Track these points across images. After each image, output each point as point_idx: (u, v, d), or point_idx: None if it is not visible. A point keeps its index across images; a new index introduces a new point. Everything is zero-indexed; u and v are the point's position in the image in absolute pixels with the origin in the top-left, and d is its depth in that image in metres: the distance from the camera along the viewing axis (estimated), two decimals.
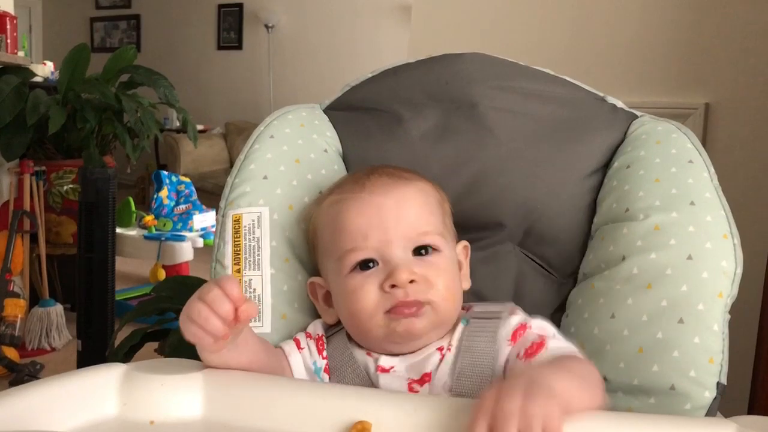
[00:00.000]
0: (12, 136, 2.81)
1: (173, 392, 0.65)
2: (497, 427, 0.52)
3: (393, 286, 0.72)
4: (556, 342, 0.72)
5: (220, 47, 6.51)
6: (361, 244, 0.74)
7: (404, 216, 0.74)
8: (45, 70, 3.64)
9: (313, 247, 0.83)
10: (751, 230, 1.00)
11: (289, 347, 0.79)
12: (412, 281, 0.72)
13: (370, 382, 0.75)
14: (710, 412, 0.77)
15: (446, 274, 0.75)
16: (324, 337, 0.81)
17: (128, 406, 0.64)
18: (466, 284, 0.81)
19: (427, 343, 0.75)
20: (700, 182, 0.85)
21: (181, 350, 0.73)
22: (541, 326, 0.74)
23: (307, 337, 0.81)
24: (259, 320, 0.82)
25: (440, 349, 0.74)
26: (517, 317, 0.75)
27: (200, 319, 0.62)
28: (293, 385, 0.69)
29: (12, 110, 2.78)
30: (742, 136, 1.61)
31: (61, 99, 2.93)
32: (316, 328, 0.82)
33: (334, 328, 0.81)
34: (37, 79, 3.24)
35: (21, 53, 3.27)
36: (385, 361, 0.75)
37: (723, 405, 0.78)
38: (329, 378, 0.78)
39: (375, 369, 0.75)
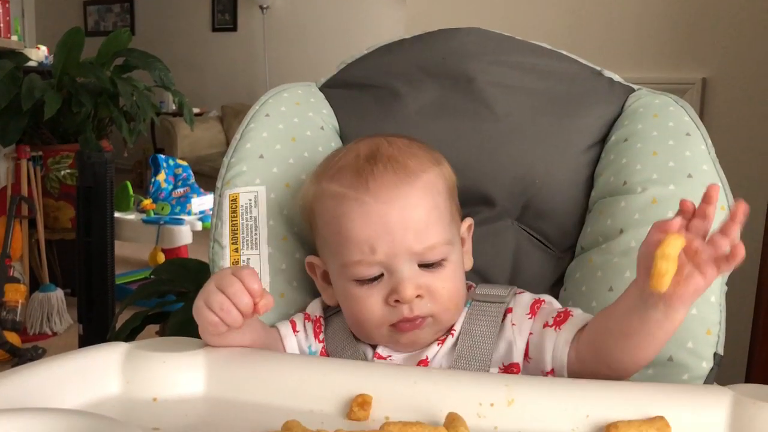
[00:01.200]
0: (7, 121, 2.80)
1: (175, 370, 0.65)
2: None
3: (397, 301, 0.71)
4: (579, 310, 0.74)
5: (214, 29, 6.45)
6: (368, 258, 0.71)
7: (411, 226, 0.71)
8: (39, 54, 3.61)
9: (310, 225, 0.81)
10: (748, 202, 1.00)
11: (285, 329, 0.80)
12: (417, 296, 0.71)
13: None
14: (707, 383, 0.77)
15: (451, 283, 0.73)
16: (322, 319, 0.81)
17: (131, 384, 0.65)
18: (469, 263, 0.80)
19: (429, 343, 0.75)
20: (697, 155, 0.85)
21: (182, 333, 0.73)
22: (551, 300, 0.77)
23: (305, 318, 0.81)
24: None
25: (441, 340, 0.75)
26: (526, 295, 0.77)
27: (221, 311, 0.65)
28: (294, 361, 0.69)
29: (6, 95, 2.76)
30: (739, 111, 1.60)
31: (56, 83, 2.91)
32: (315, 309, 0.82)
33: (333, 309, 0.81)
34: (31, 63, 3.22)
35: (14, 37, 3.25)
36: (383, 350, 0.76)
37: (720, 375, 0.79)
38: None
39: (372, 356, 0.76)
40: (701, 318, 0.78)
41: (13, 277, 2.60)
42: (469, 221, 0.81)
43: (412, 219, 0.71)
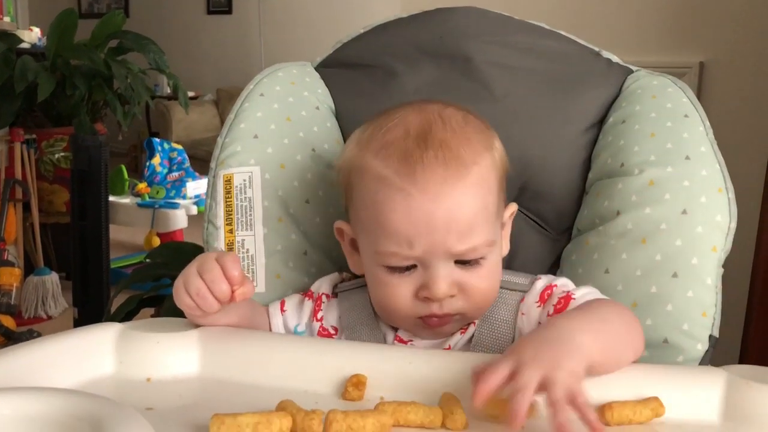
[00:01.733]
0: (0, 103, 2.78)
1: (169, 350, 0.65)
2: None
3: (428, 297, 0.69)
4: (583, 290, 0.72)
5: (209, 12, 6.40)
6: (405, 252, 0.67)
7: (455, 228, 0.66)
8: (32, 35, 3.58)
9: (344, 190, 0.76)
10: (745, 185, 1.00)
11: (273, 308, 0.79)
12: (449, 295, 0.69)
13: None
14: (702, 365, 0.77)
15: (487, 281, 0.70)
16: (324, 296, 0.79)
17: (125, 364, 0.64)
18: (506, 249, 0.77)
19: (453, 333, 0.75)
20: (695, 136, 0.85)
21: (176, 316, 0.73)
22: (565, 283, 0.75)
23: (305, 297, 0.80)
24: (253, 280, 0.82)
25: (464, 329, 0.74)
26: (542, 281, 0.75)
27: (197, 297, 0.65)
28: (289, 341, 0.69)
29: None
30: (736, 94, 1.60)
31: (50, 65, 2.89)
32: (321, 286, 0.80)
33: (348, 284, 0.80)
34: (24, 45, 3.19)
35: (7, 19, 3.22)
36: (404, 334, 0.75)
37: (715, 357, 0.79)
38: (338, 336, 0.78)
39: (393, 339, 0.75)
40: (697, 300, 0.78)
41: (8, 261, 2.60)
42: (513, 208, 0.77)
43: (457, 220, 0.66)
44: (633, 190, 0.83)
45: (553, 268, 0.90)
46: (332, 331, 0.78)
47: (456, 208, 0.66)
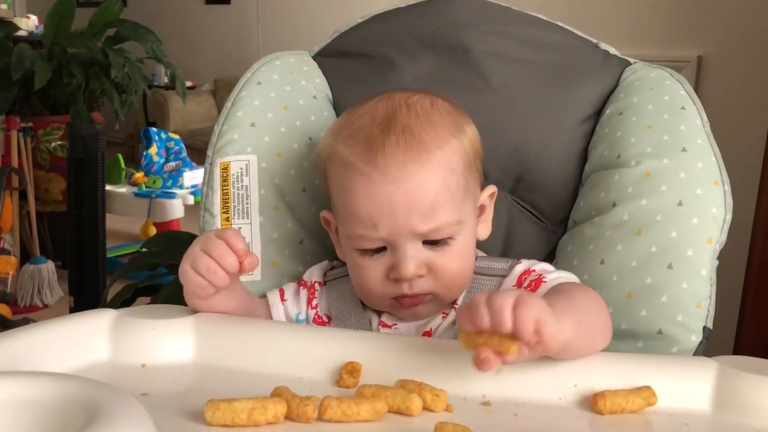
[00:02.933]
0: None
1: (164, 336, 0.65)
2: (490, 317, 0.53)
3: (397, 278, 0.70)
4: (555, 274, 0.73)
5: (207, 1, 6.37)
6: (371, 234, 0.69)
7: (416, 208, 0.68)
8: (29, 23, 3.57)
9: (324, 179, 0.78)
10: (741, 178, 1.00)
11: (273, 298, 0.80)
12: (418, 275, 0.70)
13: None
14: (696, 356, 0.78)
15: (456, 261, 0.72)
16: (317, 284, 0.80)
17: (120, 350, 0.65)
18: (486, 232, 0.78)
19: (432, 315, 0.75)
20: (692, 129, 0.85)
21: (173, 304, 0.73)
22: (543, 267, 0.76)
23: (300, 285, 0.81)
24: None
25: (445, 313, 0.75)
26: (522, 265, 0.76)
27: (208, 273, 0.65)
28: (283, 329, 0.69)
29: None
30: (734, 88, 1.60)
31: (47, 53, 2.87)
32: (313, 274, 0.81)
33: (339, 273, 0.81)
34: (21, 32, 3.18)
35: (4, 6, 3.21)
36: (388, 318, 0.76)
37: (709, 348, 0.79)
38: (330, 324, 0.78)
39: (378, 324, 0.76)
40: (692, 292, 0.78)
41: (4, 249, 2.59)
42: (491, 189, 0.79)
43: (418, 201, 0.68)
44: (629, 182, 0.83)
45: (549, 259, 0.90)
46: (326, 319, 0.79)
47: (417, 189, 0.68)
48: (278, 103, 0.89)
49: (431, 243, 0.70)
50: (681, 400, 0.59)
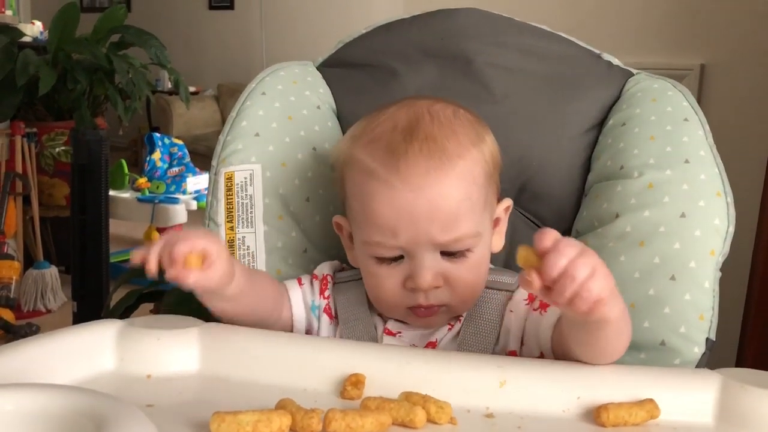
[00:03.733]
0: (1, 97, 2.78)
1: (170, 347, 0.66)
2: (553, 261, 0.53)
3: (414, 288, 0.70)
4: None
5: (211, 7, 6.39)
6: (389, 242, 0.69)
7: (437, 218, 0.67)
8: (34, 29, 3.58)
9: (340, 183, 0.77)
10: (744, 189, 1.00)
11: (291, 283, 0.80)
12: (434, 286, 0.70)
13: (377, 340, 0.76)
14: (699, 367, 0.78)
15: (472, 274, 0.71)
16: (329, 277, 0.80)
17: (125, 361, 0.65)
18: (499, 245, 0.78)
19: (441, 325, 0.76)
20: (694, 140, 0.85)
21: (176, 311, 0.73)
22: None
23: (312, 278, 0.81)
24: None
25: (450, 324, 0.75)
26: None
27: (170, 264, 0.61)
28: (288, 340, 0.70)
29: (1, 71, 2.74)
30: (737, 97, 1.60)
31: (51, 59, 2.88)
32: (323, 269, 0.82)
33: (347, 275, 0.81)
34: (26, 38, 3.19)
35: (9, 12, 3.22)
36: (393, 325, 0.76)
37: (711, 360, 0.79)
38: (336, 326, 0.78)
39: (382, 330, 0.76)
40: (694, 303, 0.78)
41: (8, 254, 2.60)
42: (507, 203, 0.78)
43: (439, 210, 0.67)
44: (632, 193, 0.83)
45: None
46: (334, 314, 0.79)
47: (439, 198, 0.67)
48: (282, 113, 0.89)
49: (449, 254, 0.70)
50: (684, 412, 0.59)
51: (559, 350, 0.68)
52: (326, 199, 0.88)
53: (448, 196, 0.68)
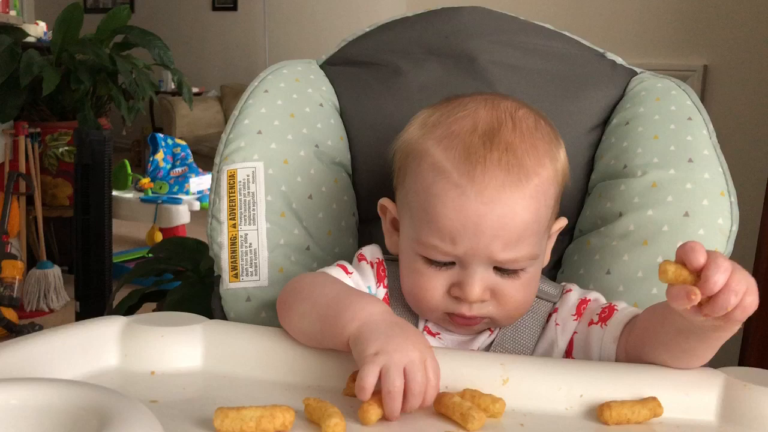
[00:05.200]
0: (5, 97, 2.79)
1: (173, 344, 0.66)
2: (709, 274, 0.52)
3: (459, 297, 0.68)
4: (623, 304, 0.72)
5: (215, 8, 6.40)
6: (446, 248, 0.66)
7: (503, 236, 0.65)
8: (38, 30, 3.58)
9: (398, 167, 0.75)
10: (748, 188, 1.00)
11: (337, 272, 0.75)
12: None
13: None
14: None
15: (522, 293, 0.70)
16: (385, 262, 0.77)
17: (129, 357, 0.65)
18: (547, 260, 0.76)
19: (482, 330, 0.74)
20: (698, 139, 0.85)
21: (178, 311, 0.73)
22: (597, 297, 0.75)
23: (360, 260, 0.77)
24: (256, 274, 0.83)
25: (491, 330, 0.74)
26: (574, 294, 0.75)
27: (389, 395, 0.56)
28: (291, 337, 0.69)
29: (5, 71, 2.75)
30: (740, 98, 1.60)
31: (55, 60, 2.89)
32: (375, 252, 0.78)
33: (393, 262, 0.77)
34: (30, 39, 3.19)
35: (13, 13, 3.23)
36: (434, 326, 0.74)
37: (714, 359, 0.79)
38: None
39: (423, 328, 0.74)
40: None
41: (11, 254, 2.61)
42: (562, 222, 0.76)
43: (506, 228, 0.65)
44: (635, 192, 0.83)
45: (555, 269, 0.91)
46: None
47: (509, 216, 0.65)
48: (285, 110, 0.89)
49: (502, 270, 0.68)
50: (687, 411, 0.59)
51: (626, 360, 0.67)
52: (329, 197, 0.88)
53: (517, 216, 0.65)
